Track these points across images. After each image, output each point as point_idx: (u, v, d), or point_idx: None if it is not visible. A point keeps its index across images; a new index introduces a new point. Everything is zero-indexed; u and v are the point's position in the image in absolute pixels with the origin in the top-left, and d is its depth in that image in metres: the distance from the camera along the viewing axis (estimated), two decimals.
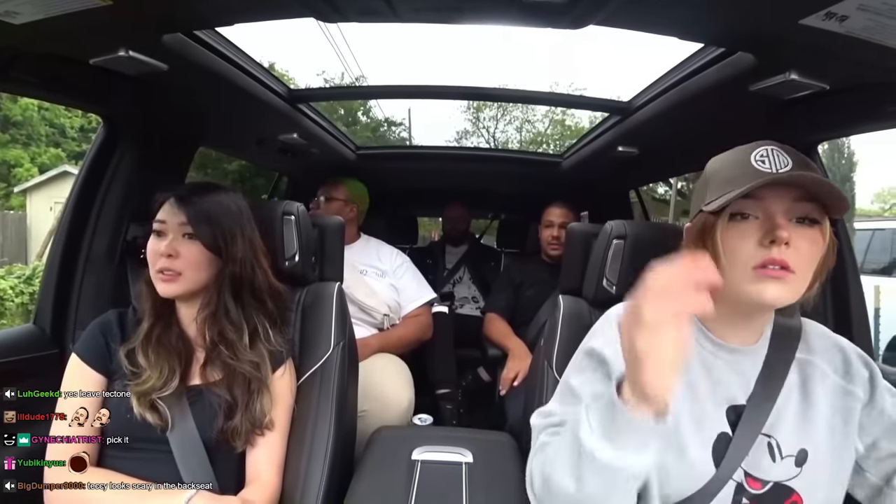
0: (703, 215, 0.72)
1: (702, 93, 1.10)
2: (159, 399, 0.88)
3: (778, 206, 0.67)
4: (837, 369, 0.76)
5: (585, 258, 1.20)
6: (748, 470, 0.71)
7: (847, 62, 0.78)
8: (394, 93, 1.98)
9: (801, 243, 0.65)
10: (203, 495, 0.84)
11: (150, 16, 0.83)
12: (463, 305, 2.81)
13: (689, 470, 0.70)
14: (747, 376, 0.74)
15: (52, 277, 1.23)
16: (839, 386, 0.75)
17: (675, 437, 0.70)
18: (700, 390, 0.73)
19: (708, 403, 0.73)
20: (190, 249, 0.92)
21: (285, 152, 1.92)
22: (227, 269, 0.94)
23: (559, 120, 15.87)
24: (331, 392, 1.04)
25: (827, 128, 1.09)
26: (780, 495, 0.71)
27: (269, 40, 10.45)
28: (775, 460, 0.72)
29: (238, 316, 0.95)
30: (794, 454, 0.72)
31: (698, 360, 0.75)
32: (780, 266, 0.64)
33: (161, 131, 1.35)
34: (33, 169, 14.39)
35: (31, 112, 7.19)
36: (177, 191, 0.94)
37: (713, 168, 0.75)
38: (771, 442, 0.72)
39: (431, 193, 3.05)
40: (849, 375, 0.75)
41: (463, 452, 1.00)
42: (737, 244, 0.67)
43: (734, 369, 0.75)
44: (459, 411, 1.95)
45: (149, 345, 0.91)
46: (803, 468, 0.71)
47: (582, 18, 0.77)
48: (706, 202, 0.71)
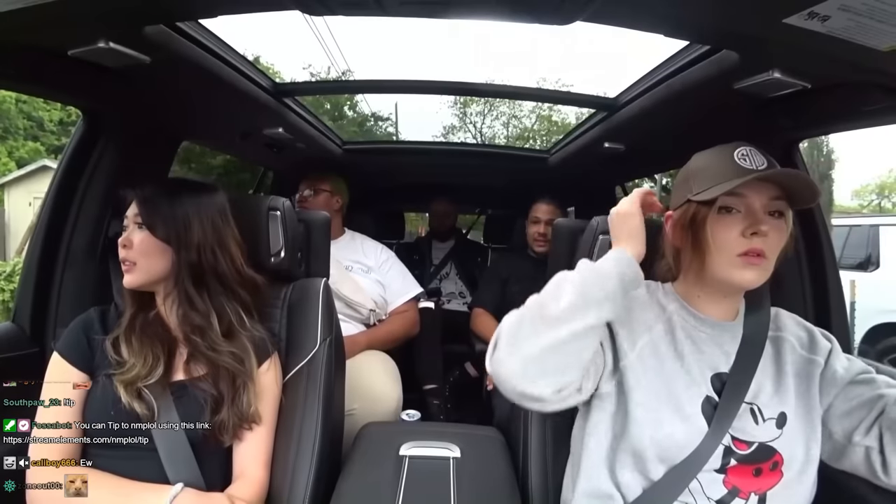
0: (691, 205, 0.81)
1: (687, 90, 1.11)
2: (145, 388, 0.88)
3: (758, 202, 0.77)
4: (804, 345, 0.86)
5: (572, 254, 1.21)
6: (734, 434, 0.79)
7: (828, 61, 0.80)
8: (380, 87, 1.97)
9: (773, 233, 0.76)
10: (189, 492, 0.83)
11: (132, 6, 0.81)
12: (450, 301, 2.82)
13: (683, 422, 0.78)
14: (726, 348, 0.83)
15: (31, 274, 1.21)
16: (804, 357, 0.84)
17: (671, 396, 0.79)
18: (686, 356, 0.82)
19: (694, 367, 0.82)
20: (140, 238, 0.92)
21: (270, 147, 1.89)
22: (182, 257, 0.93)
23: (546, 116, 15.89)
24: (318, 388, 1.03)
25: (808, 126, 1.11)
26: (764, 454, 0.79)
27: (255, 34, 10.31)
28: (758, 423, 0.80)
29: (205, 304, 0.94)
30: (774, 417, 0.80)
31: (683, 332, 0.84)
32: (758, 254, 0.76)
33: (143, 125, 1.33)
34: (11, 163, 14.03)
35: (9, 105, 6.94)
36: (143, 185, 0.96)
37: (699, 163, 0.84)
38: (753, 408, 0.80)
39: (418, 188, 3.05)
40: (812, 348, 0.85)
41: (450, 447, 1.00)
42: (723, 234, 0.77)
43: (715, 341, 0.84)
44: (447, 406, 1.96)
45: (132, 333, 0.92)
46: (783, 430, 0.79)
47: (569, 14, 0.77)
48: (695, 193, 0.80)
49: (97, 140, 1.25)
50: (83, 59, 0.92)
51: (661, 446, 0.77)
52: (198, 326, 0.93)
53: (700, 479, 0.77)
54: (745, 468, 0.78)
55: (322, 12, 0.84)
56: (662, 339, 0.84)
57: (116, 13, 0.81)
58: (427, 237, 3.17)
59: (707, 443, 0.77)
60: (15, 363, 1.12)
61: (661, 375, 0.81)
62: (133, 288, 0.94)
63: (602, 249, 1.11)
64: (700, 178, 0.81)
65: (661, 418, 0.78)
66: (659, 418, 0.78)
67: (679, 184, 0.87)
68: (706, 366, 0.82)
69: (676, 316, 0.86)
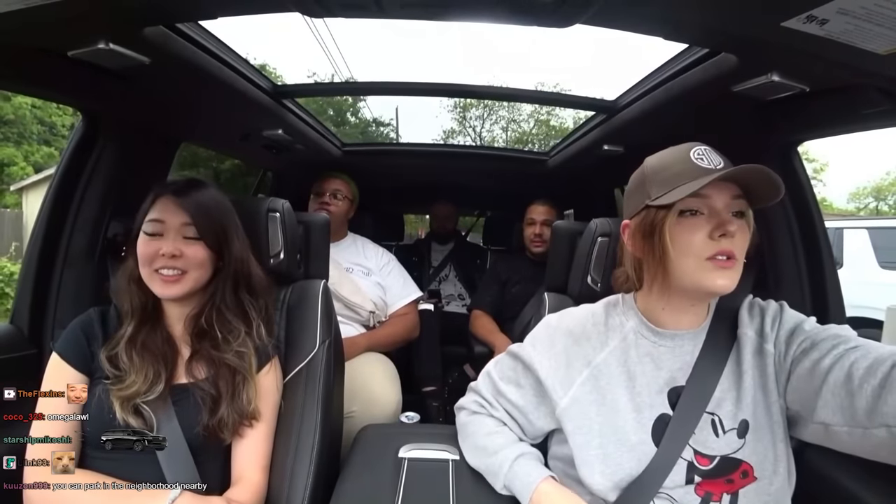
0: (650, 211, 0.77)
1: (686, 92, 1.11)
2: (143, 403, 0.86)
3: (721, 202, 0.74)
4: (757, 330, 0.80)
5: (570, 255, 1.21)
6: (697, 448, 0.76)
7: (826, 65, 0.80)
8: (380, 89, 1.96)
9: (739, 234, 0.73)
10: (187, 496, 0.83)
11: (131, 7, 0.81)
12: (449, 303, 2.82)
13: (630, 451, 0.76)
14: (688, 359, 0.80)
15: (29, 275, 1.20)
16: (757, 345, 0.79)
17: (614, 422, 0.78)
18: (638, 378, 0.80)
19: (646, 389, 0.79)
20: (195, 250, 0.90)
21: (270, 148, 1.89)
22: (230, 268, 0.93)
23: (544, 120, 15.97)
24: (317, 390, 1.03)
25: (807, 129, 1.11)
26: (729, 467, 0.76)
27: (259, 42, 10.34)
28: (718, 435, 0.76)
29: (234, 313, 0.94)
30: (735, 426, 0.77)
31: (641, 351, 0.82)
32: (728, 256, 0.72)
33: (142, 126, 1.33)
34: (28, 168, 14.17)
35: (24, 111, 6.99)
36: (172, 187, 0.92)
37: (654, 165, 0.80)
38: (714, 419, 0.77)
39: (417, 190, 3.04)
40: (762, 333, 0.80)
41: (450, 450, 1.00)
42: (687, 238, 0.73)
43: (675, 354, 0.81)
44: (446, 408, 1.96)
45: (133, 348, 0.89)
46: (746, 438, 0.76)
47: (569, 17, 0.78)
48: (653, 198, 0.76)
49: (96, 141, 1.25)
50: (83, 60, 0.92)
51: (612, 479, 0.76)
52: (219, 335, 0.92)
53: (671, 493, 0.75)
54: (715, 481, 0.75)
55: (321, 14, 0.84)
56: (608, 365, 0.82)
57: (116, 14, 0.81)
58: (426, 239, 3.17)
59: (658, 461, 0.75)
60: (13, 364, 1.11)
61: (602, 409, 0.80)
62: (171, 298, 0.91)
63: (600, 251, 1.12)
64: (657, 181, 0.77)
65: (607, 453, 0.77)
66: (605, 454, 0.77)
67: (633, 189, 0.83)
68: (664, 382, 0.80)
69: (633, 334, 0.83)
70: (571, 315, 0.91)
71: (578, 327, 0.87)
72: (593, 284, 1.13)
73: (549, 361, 0.86)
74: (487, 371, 0.98)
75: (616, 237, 1.10)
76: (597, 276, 1.13)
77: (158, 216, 0.90)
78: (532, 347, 0.90)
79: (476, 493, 0.90)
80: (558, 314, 0.93)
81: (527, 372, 0.89)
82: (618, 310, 0.88)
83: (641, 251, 0.81)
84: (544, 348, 0.88)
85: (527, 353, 0.89)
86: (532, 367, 0.87)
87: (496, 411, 0.93)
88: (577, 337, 0.86)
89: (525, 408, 0.89)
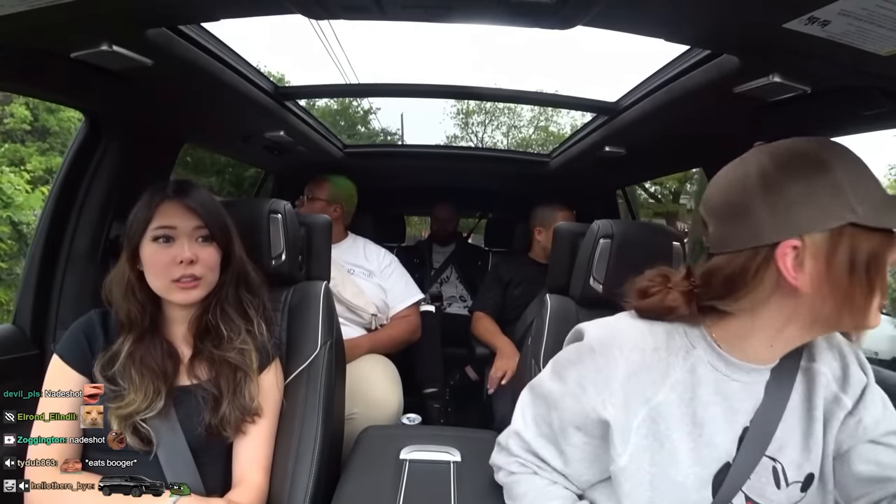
0: (857, 233, 0.56)
1: (687, 94, 1.11)
2: (143, 421, 0.85)
3: None
4: (837, 376, 0.68)
5: (572, 257, 1.21)
6: (750, 495, 0.65)
7: (828, 66, 0.80)
8: (381, 91, 1.97)
9: None
10: (188, 498, 0.83)
11: (134, 9, 0.81)
12: (451, 304, 2.81)
13: (685, 500, 0.65)
14: (759, 396, 0.66)
15: (31, 277, 1.21)
16: (834, 394, 0.68)
17: (672, 477, 0.65)
18: (707, 424, 0.65)
19: (717, 437, 0.65)
20: (209, 252, 0.90)
21: (272, 150, 1.90)
22: (234, 268, 0.94)
23: (543, 126, 16.12)
24: (318, 392, 1.03)
25: (808, 130, 1.11)
26: None
27: (265, 47, 10.39)
28: (780, 487, 0.65)
29: (236, 311, 0.95)
30: (801, 480, 0.66)
31: (711, 387, 0.66)
32: None
33: (145, 127, 1.33)
34: None
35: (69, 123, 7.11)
36: (170, 190, 0.90)
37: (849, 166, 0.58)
38: (776, 466, 0.66)
39: (419, 192, 3.04)
40: (845, 383, 0.68)
41: (451, 451, 1.00)
42: (884, 273, 0.58)
43: (749, 391, 0.66)
44: (447, 410, 1.96)
45: (132, 365, 0.87)
46: (807, 492, 0.66)
47: (570, 18, 0.78)
48: (864, 215, 0.56)
49: (99, 142, 1.25)
50: (85, 62, 0.92)
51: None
52: (222, 335, 0.92)
53: None
54: None
55: (323, 16, 0.84)
56: (668, 405, 0.66)
57: (119, 16, 0.82)
58: (427, 241, 3.17)
59: None
60: (15, 365, 1.11)
61: (657, 459, 0.65)
62: (190, 303, 0.90)
63: (602, 253, 1.11)
64: (863, 194, 0.56)
65: (660, 486, 0.65)
66: (657, 486, 0.65)
67: (805, 193, 0.57)
68: (739, 426, 0.66)
69: (703, 366, 0.67)
70: (623, 336, 0.70)
71: (636, 353, 0.68)
72: (595, 286, 1.13)
73: (609, 409, 0.67)
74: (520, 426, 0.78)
75: (618, 239, 1.10)
76: (599, 277, 1.12)
77: (167, 222, 0.88)
78: (581, 389, 0.69)
79: (477, 495, 0.90)
80: (598, 335, 0.71)
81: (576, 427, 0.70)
82: (679, 329, 0.69)
83: (830, 286, 0.57)
84: (597, 389, 0.68)
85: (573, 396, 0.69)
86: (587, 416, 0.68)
87: (543, 471, 0.76)
88: (637, 368, 0.67)
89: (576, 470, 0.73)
